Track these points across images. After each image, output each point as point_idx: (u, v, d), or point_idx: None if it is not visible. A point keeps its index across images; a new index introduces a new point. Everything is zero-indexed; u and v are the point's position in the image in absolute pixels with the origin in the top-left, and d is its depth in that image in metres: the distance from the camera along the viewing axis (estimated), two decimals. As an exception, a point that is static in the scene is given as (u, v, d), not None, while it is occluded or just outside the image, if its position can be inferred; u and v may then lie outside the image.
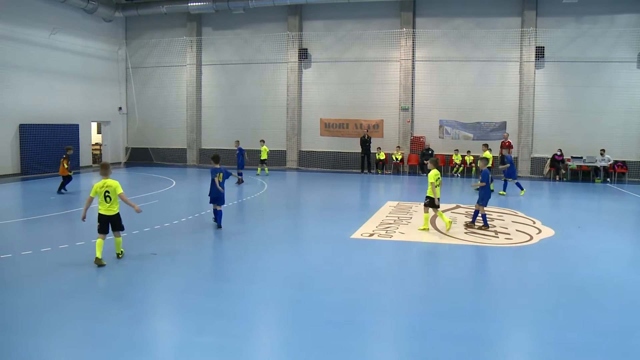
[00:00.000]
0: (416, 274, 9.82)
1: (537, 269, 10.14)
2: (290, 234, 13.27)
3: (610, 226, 14.63)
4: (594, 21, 25.89)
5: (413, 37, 27.87)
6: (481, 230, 13.38)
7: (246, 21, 30.34)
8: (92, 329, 6.72)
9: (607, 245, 12.12)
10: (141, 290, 8.37)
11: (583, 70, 26.22)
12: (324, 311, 7.48)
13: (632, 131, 25.88)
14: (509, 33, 26.68)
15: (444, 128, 27.68)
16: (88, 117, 29.80)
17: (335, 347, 6.30)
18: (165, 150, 32.60)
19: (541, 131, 27.01)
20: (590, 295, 8.40)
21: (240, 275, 9.39)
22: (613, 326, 7.04)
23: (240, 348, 6.30)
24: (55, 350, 6.20)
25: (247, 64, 30.73)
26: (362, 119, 28.85)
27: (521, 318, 7.53)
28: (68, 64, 28.01)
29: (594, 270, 9.91)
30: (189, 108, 31.80)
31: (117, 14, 30.69)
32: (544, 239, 12.58)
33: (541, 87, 26.86)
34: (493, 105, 27.26)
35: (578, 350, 6.25)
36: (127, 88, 32.90)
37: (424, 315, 7.46)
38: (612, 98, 25.97)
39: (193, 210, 15.95)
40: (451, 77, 27.87)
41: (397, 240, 12.32)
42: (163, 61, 32.03)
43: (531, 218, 15.11)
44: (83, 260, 9.77)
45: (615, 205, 18.75)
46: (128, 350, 6.14)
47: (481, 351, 6.26)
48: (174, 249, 11.12)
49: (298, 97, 29.97)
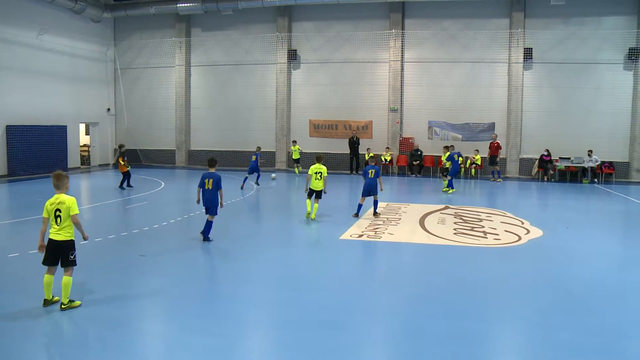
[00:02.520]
0: (405, 275, 9.83)
1: (526, 269, 10.19)
2: (280, 235, 13.25)
3: (597, 226, 14.74)
4: (581, 23, 26.08)
5: (402, 38, 27.94)
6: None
7: (235, 22, 30.28)
8: (81, 333, 6.68)
9: (595, 246, 12.21)
10: (130, 291, 8.31)
11: (571, 71, 26.40)
12: (314, 312, 7.49)
13: (619, 132, 26.08)
14: (498, 34, 26.81)
15: (433, 129, 27.78)
16: (76, 119, 29.58)
17: (327, 348, 6.30)
18: (154, 152, 32.45)
19: (529, 132, 27.16)
20: (579, 295, 8.45)
21: (230, 277, 9.38)
22: (602, 326, 7.09)
23: (231, 349, 6.29)
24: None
25: (236, 65, 30.68)
26: (351, 120, 28.89)
27: (511, 318, 7.57)
28: (56, 64, 27.81)
29: (583, 270, 9.98)
30: (178, 109, 31.68)
31: (105, 14, 30.51)
32: (532, 239, 12.64)
33: (529, 88, 27.02)
34: (482, 106, 27.38)
35: (567, 350, 6.29)
36: (116, 89, 32.70)
37: (414, 315, 7.48)
38: (599, 99, 26.17)
39: (182, 212, 15.90)
40: (440, 78, 27.96)
41: (386, 241, 12.34)
42: (152, 62, 31.89)
43: (520, 219, 15.18)
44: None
45: (602, 205, 18.88)
46: (118, 352, 6.11)
47: (471, 351, 6.27)
48: (163, 250, 11.08)
49: (287, 98, 29.95)
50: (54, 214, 7.40)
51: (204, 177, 11.66)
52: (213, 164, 11.94)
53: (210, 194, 11.61)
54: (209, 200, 11.65)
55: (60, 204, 7.41)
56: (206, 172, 11.74)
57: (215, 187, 11.57)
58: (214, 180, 11.56)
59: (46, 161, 25.79)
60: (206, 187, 11.59)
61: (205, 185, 11.60)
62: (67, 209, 7.40)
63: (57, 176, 7.57)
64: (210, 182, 11.56)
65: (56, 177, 7.56)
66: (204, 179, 11.62)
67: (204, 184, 11.59)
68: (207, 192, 11.61)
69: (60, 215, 7.40)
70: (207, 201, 11.66)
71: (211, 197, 11.63)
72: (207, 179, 11.60)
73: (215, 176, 11.60)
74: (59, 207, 7.40)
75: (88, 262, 9.39)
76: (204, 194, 11.65)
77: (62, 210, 7.40)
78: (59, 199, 7.44)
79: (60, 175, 7.58)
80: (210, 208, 11.72)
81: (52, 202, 7.43)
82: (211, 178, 11.57)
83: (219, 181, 11.62)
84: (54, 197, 7.48)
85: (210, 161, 12.01)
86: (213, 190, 11.58)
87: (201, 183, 11.66)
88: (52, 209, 7.41)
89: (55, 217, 7.41)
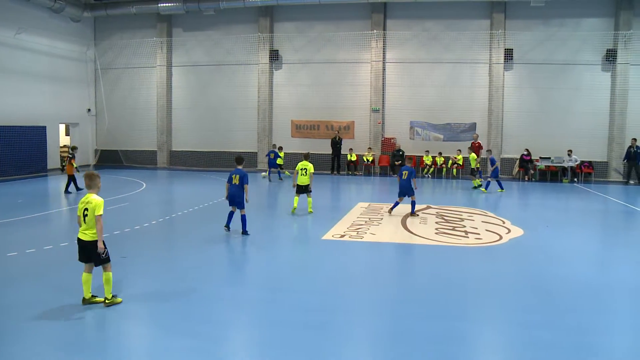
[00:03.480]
0: (387, 275, 9.85)
1: (507, 268, 10.27)
2: (262, 236, 13.20)
3: (577, 225, 14.92)
4: (560, 24, 26.39)
5: (384, 38, 28.03)
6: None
7: (217, 22, 30.16)
8: (61, 335, 6.60)
9: (575, 245, 12.34)
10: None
11: (550, 72, 26.70)
12: (297, 313, 7.47)
13: (598, 132, 26.42)
14: (479, 35, 27.03)
15: (414, 129, 27.89)
16: (56, 119, 29.22)
17: (310, 349, 6.29)
18: (135, 152, 32.19)
19: (510, 132, 27.41)
20: (559, 294, 8.52)
21: (212, 278, 9.32)
22: (581, 324, 7.15)
23: (214, 351, 6.25)
24: (22, 354, 6.07)
25: (218, 65, 30.55)
26: (333, 121, 28.93)
27: (492, 317, 7.62)
28: (35, 64, 27.44)
29: (562, 269, 10.07)
30: (160, 110, 31.46)
31: (85, 14, 30.17)
32: (513, 238, 12.75)
33: (510, 88, 27.27)
34: (463, 107, 27.57)
35: (548, 349, 6.33)
36: (96, 89, 32.38)
37: (397, 315, 7.49)
38: (578, 100, 26.51)
39: (164, 213, 15.80)
40: (421, 79, 28.10)
41: (368, 241, 12.36)
42: (133, 62, 31.64)
43: (501, 218, 15.30)
44: (48, 264, 9.59)
45: (582, 204, 19.09)
46: (99, 355, 6.04)
47: (453, 351, 6.30)
48: (145, 252, 10.99)
49: (269, 99, 29.90)
50: (82, 213, 7.51)
51: (232, 173, 12.46)
52: (240, 161, 12.80)
53: (236, 189, 12.34)
54: (235, 194, 12.38)
55: (88, 203, 7.49)
56: (234, 169, 12.51)
57: (241, 183, 12.31)
58: (240, 176, 12.32)
59: (25, 162, 25.49)
60: (233, 182, 12.34)
61: (232, 180, 12.36)
62: (93, 209, 7.44)
63: (89, 176, 7.65)
64: (237, 177, 12.32)
65: (88, 177, 7.64)
66: (232, 175, 12.42)
67: (232, 179, 12.38)
68: (234, 187, 12.34)
69: (87, 214, 7.48)
70: (233, 196, 12.39)
71: (237, 192, 12.37)
72: (234, 175, 12.38)
73: (242, 172, 12.40)
74: (87, 207, 7.48)
75: (69, 263, 9.27)
76: (231, 189, 12.38)
77: (89, 210, 7.46)
78: (88, 199, 7.52)
79: (92, 175, 7.67)
80: (237, 202, 12.49)
81: (82, 201, 7.57)
82: (238, 174, 12.36)
83: (246, 177, 12.36)
84: (85, 196, 7.61)
85: (238, 159, 12.86)
86: (239, 185, 12.31)
87: (229, 179, 12.47)
88: (81, 207, 7.55)
89: (83, 216, 7.51)
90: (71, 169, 19.45)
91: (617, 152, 26.10)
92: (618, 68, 25.81)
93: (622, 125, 25.96)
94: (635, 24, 25.35)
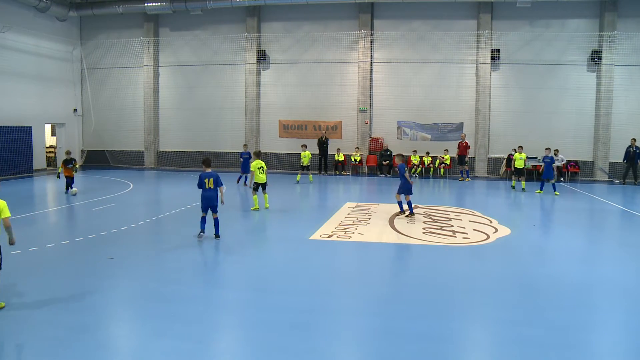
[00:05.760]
0: (375, 275, 9.86)
1: (494, 267, 10.33)
2: (249, 236, 13.18)
3: (563, 224, 15.06)
4: (546, 25, 26.57)
5: (371, 38, 28.06)
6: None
7: (204, 22, 30.05)
8: (47, 337, 6.55)
9: (561, 243, 12.45)
10: (97, 295, 8.17)
11: (537, 72, 26.88)
12: (284, 313, 7.46)
13: (584, 132, 26.63)
14: (466, 35, 27.13)
15: (402, 129, 27.92)
16: (42, 119, 28.94)
17: (297, 349, 6.29)
18: (122, 153, 32.00)
19: (497, 132, 27.55)
20: (546, 292, 8.59)
21: (199, 279, 9.30)
22: (568, 322, 7.22)
23: (200, 352, 6.23)
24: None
25: (205, 65, 30.44)
26: (321, 121, 28.88)
27: (479, 315, 7.66)
28: (20, 64, 27.15)
29: (549, 267, 10.16)
30: (146, 110, 31.27)
31: (71, 13, 29.89)
32: (500, 237, 12.81)
33: (497, 88, 27.41)
34: (450, 107, 27.66)
35: (536, 347, 6.38)
36: (83, 89, 32.13)
37: (385, 315, 7.50)
38: (564, 100, 26.72)
39: (151, 214, 15.72)
40: (409, 79, 28.16)
41: (355, 241, 12.37)
42: (119, 62, 31.42)
43: (488, 217, 15.37)
44: (35, 265, 9.52)
45: (568, 204, 19.21)
46: (85, 356, 6.01)
47: (441, 349, 6.33)
48: (131, 252, 10.94)
49: (256, 99, 29.83)
50: None
51: (203, 177, 11.84)
52: (208, 163, 12.18)
53: (212, 192, 11.90)
54: (212, 198, 11.90)
55: None
56: (203, 173, 11.93)
57: (216, 185, 11.90)
58: (214, 179, 11.86)
59: (11, 163, 25.25)
60: (207, 187, 11.84)
61: (205, 185, 11.84)
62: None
63: None
64: (211, 181, 11.84)
65: None
66: (203, 179, 11.82)
67: (204, 183, 11.84)
68: (209, 191, 11.88)
69: None
70: (210, 199, 11.90)
71: (214, 195, 11.93)
72: (206, 179, 11.83)
73: (215, 175, 11.89)
74: None
75: (55, 265, 9.23)
76: (206, 194, 11.88)
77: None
78: None
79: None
80: (214, 206, 11.97)
81: None
82: (211, 177, 11.84)
83: (218, 179, 11.95)
84: None
85: (206, 161, 12.22)
86: (214, 189, 11.90)
87: (200, 183, 11.89)
88: None
89: None
90: (71, 172, 19.49)
91: (602, 151, 26.31)
92: (603, 68, 26.04)
93: (607, 125, 26.20)
94: (620, 25, 25.58)
